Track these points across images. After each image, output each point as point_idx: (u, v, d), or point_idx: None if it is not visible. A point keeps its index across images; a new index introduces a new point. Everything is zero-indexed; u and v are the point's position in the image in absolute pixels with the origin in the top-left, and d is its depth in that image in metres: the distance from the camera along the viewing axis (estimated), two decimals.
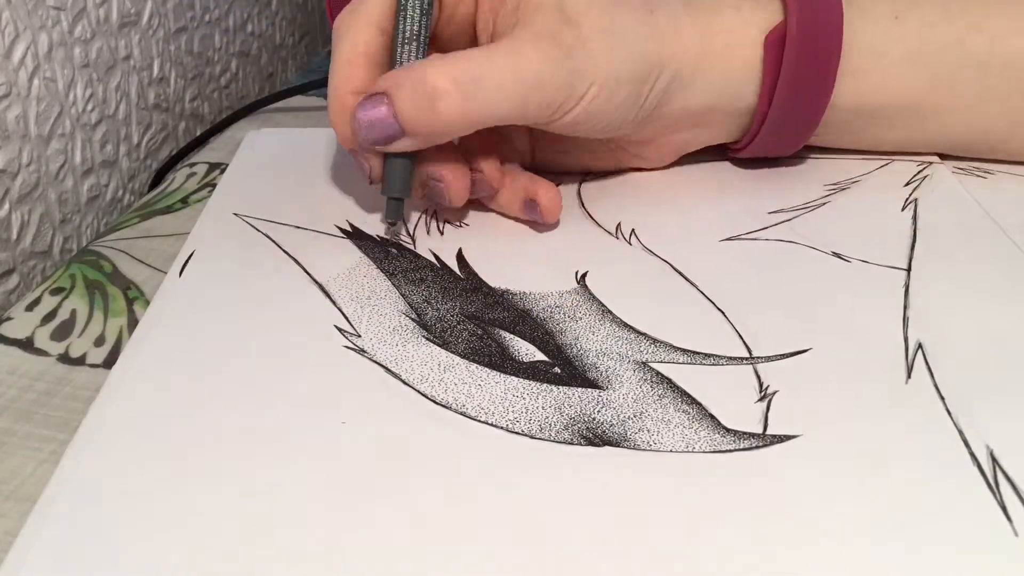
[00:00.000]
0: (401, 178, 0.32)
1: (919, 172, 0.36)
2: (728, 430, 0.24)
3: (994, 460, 0.23)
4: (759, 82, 0.33)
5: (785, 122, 0.34)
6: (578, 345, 0.27)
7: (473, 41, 0.33)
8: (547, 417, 0.24)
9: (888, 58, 0.33)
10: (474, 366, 0.26)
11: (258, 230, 0.34)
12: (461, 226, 0.34)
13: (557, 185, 0.33)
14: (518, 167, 0.34)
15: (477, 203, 0.35)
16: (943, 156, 0.37)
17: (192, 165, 0.42)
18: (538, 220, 0.33)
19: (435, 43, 0.33)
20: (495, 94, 0.29)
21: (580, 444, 0.24)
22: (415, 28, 0.31)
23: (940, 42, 0.33)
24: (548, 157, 0.36)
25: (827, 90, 0.33)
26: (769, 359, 0.26)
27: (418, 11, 0.31)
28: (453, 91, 0.28)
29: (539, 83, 0.29)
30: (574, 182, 0.37)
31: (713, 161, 0.38)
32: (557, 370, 0.26)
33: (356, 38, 0.31)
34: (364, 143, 0.30)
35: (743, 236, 0.33)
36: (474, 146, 0.33)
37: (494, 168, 0.33)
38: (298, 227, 0.34)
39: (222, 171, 0.40)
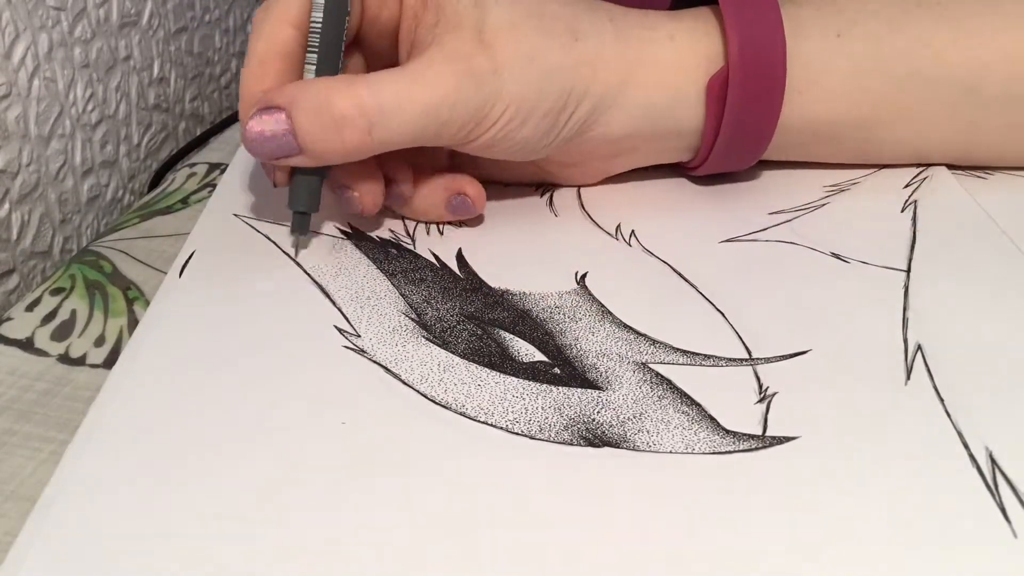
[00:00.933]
0: (308, 192, 0.31)
1: (919, 174, 0.36)
2: (727, 431, 0.24)
3: (993, 462, 0.23)
4: (698, 111, 0.32)
5: (733, 148, 0.33)
6: (578, 346, 0.27)
7: (395, 46, 0.32)
8: (547, 418, 0.25)
9: (833, 75, 0.32)
10: (474, 366, 0.26)
11: (258, 231, 0.34)
12: (461, 226, 0.34)
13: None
14: (431, 171, 0.33)
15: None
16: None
17: (192, 165, 0.42)
18: (467, 214, 0.33)
19: (359, 44, 0.33)
20: (401, 122, 0.28)
21: (580, 445, 0.24)
22: (329, 29, 0.30)
23: (885, 57, 0.33)
24: (466, 168, 0.35)
25: (772, 121, 0.33)
26: (769, 360, 0.27)
27: (333, 10, 0.30)
28: (358, 119, 0.28)
29: (447, 110, 0.28)
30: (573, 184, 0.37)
31: None
32: (557, 371, 0.26)
33: (270, 34, 0.30)
34: (253, 154, 0.29)
35: (743, 237, 0.33)
36: (387, 154, 0.31)
37: (407, 174, 0.32)
38: None
39: (222, 171, 0.40)
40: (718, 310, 0.29)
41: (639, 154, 0.35)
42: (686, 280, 0.30)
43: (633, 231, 0.33)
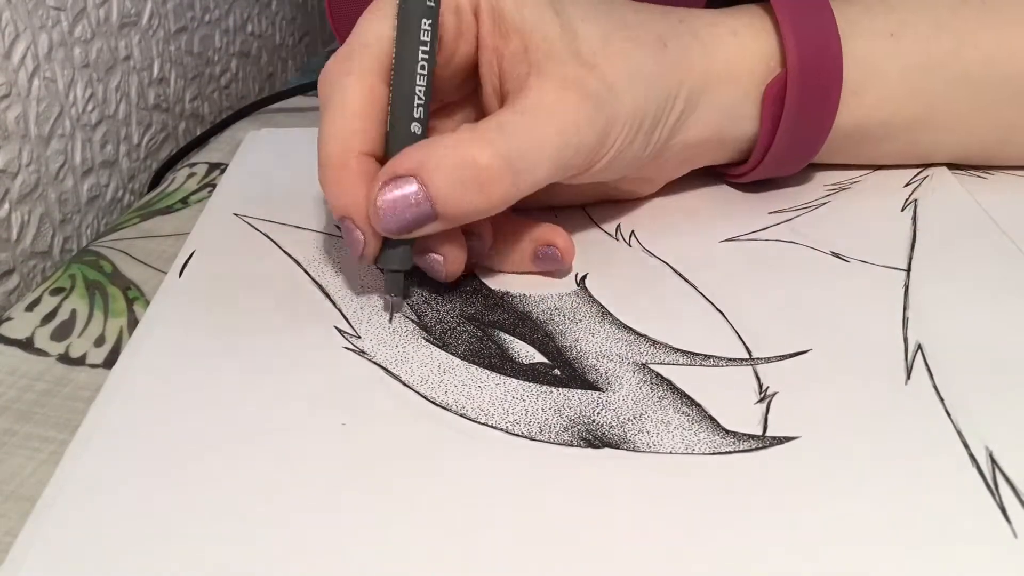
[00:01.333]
0: (402, 249, 0.28)
1: (919, 173, 0.36)
2: (728, 432, 0.24)
3: (993, 461, 0.23)
4: (755, 113, 0.32)
5: (788, 153, 0.33)
6: (578, 347, 0.27)
7: (470, 84, 0.31)
8: (547, 419, 0.25)
9: (886, 76, 0.32)
10: (474, 368, 0.26)
11: (258, 230, 0.34)
12: None
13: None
14: (508, 215, 0.30)
15: None
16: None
17: (192, 165, 0.42)
18: (556, 267, 0.30)
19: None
20: (540, 161, 0.26)
21: (580, 446, 0.24)
22: (421, 83, 0.27)
23: (936, 58, 0.32)
24: (529, 202, 0.30)
25: (828, 124, 0.32)
26: (769, 360, 0.27)
27: (425, 60, 0.27)
28: (503, 169, 0.26)
29: (576, 138, 0.27)
30: None
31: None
32: (557, 372, 0.26)
33: (360, 88, 0.27)
34: (387, 229, 0.26)
35: (743, 237, 0.33)
36: None
37: (486, 224, 0.30)
38: (298, 227, 0.34)
39: (222, 171, 0.40)
40: (718, 310, 0.29)
41: (701, 159, 0.34)
42: (686, 280, 0.30)
43: (633, 231, 0.33)
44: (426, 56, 0.27)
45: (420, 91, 0.27)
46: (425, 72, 0.27)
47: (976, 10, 0.33)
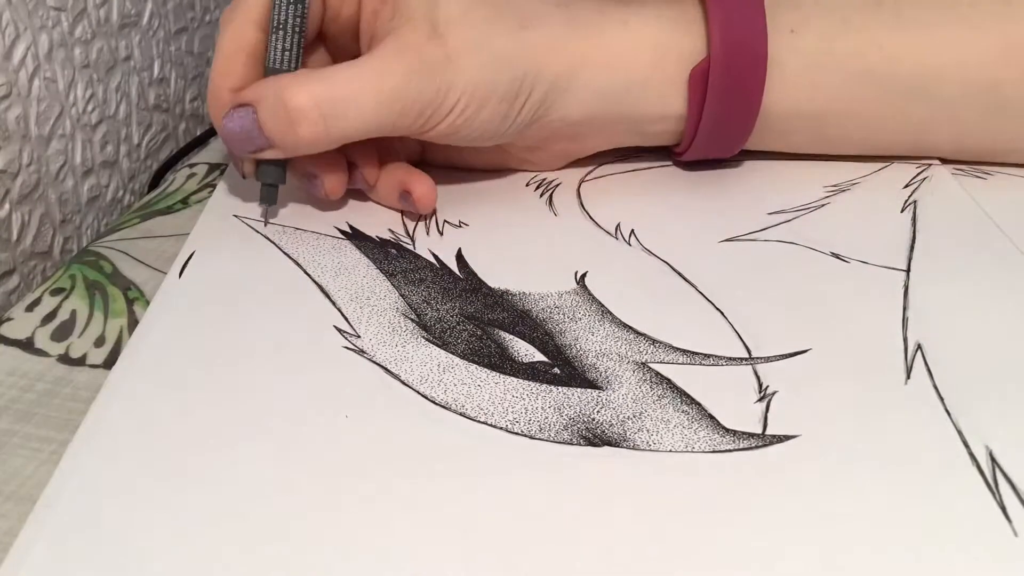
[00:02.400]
0: (275, 166, 0.33)
1: (918, 174, 0.36)
2: (727, 430, 0.24)
3: (993, 461, 0.23)
4: (660, 96, 0.33)
5: (715, 136, 0.34)
6: (577, 346, 0.27)
7: (356, 41, 0.34)
8: (547, 417, 0.25)
9: (784, 69, 0.33)
10: (473, 367, 0.26)
11: (258, 231, 0.34)
12: (461, 226, 0.34)
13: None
14: (397, 159, 0.35)
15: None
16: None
17: (192, 166, 0.42)
18: (412, 211, 0.34)
19: (323, 40, 0.34)
20: (355, 114, 0.29)
21: (579, 444, 0.24)
22: (287, 25, 0.31)
23: (838, 54, 0.33)
24: (438, 155, 0.37)
25: (754, 108, 0.33)
26: (768, 360, 0.27)
27: (290, 9, 0.31)
28: (312, 113, 0.29)
29: (400, 100, 0.29)
30: (573, 184, 0.37)
31: (712, 162, 0.38)
32: (556, 371, 0.26)
33: (235, 33, 0.32)
34: (232, 150, 0.31)
35: (742, 237, 0.33)
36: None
37: (371, 163, 0.34)
38: (298, 228, 0.34)
39: (222, 172, 0.40)
40: (718, 309, 0.29)
41: (600, 137, 0.36)
42: (686, 280, 0.30)
43: (633, 230, 0.33)
44: (296, 5, 0.31)
45: (288, 37, 0.31)
46: (292, 19, 0.31)
47: (885, 11, 0.33)
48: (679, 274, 0.31)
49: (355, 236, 0.33)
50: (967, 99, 0.34)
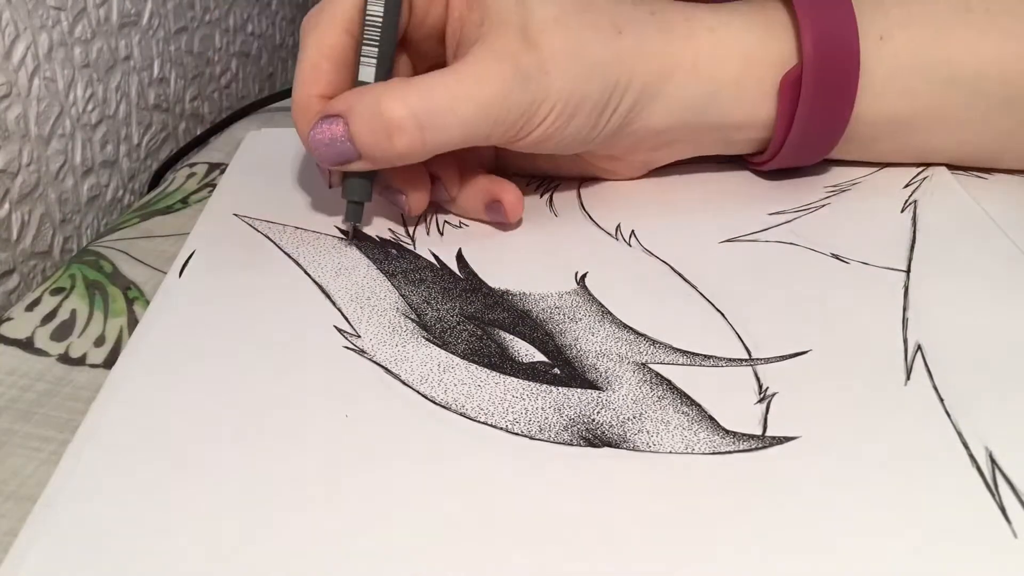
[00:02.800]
0: (362, 184, 0.32)
1: (919, 174, 0.36)
2: (727, 431, 0.24)
3: (993, 462, 0.23)
4: (747, 104, 0.33)
5: (804, 144, 0.34)
6: (578, 346, 0.27)
7: (441, 47, 0.33)
8: (546, 418, 0.25)
9: (874, 76, 0.32)
10: (474, 367, 0.26)
11: (258, 230, 0.34)
12: (461, 226, 0.34)
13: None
14: (478, 170, 0.34)
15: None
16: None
17: (192, 165, 0.42)
18: (502, 220, 0.33)
19: (405, 46, 0.33)
20: (453, 124, 0.29)
21: (579, 445, 0.24)
22: (378, 32, 0.30)
23: (927, 61, 0.33)
24: (511, 163, 0.36)
25: (846, 113, 0.33)
26: (768, 361, 0.27)
27: (384, 16, 0.30)
28: (409, 123, 0.28)
29: (496, 110, 0.29)
30: (573, 184, 0.37)
31: (713, 163, 0.38)
32: (557, 371, 0.26)
33: (321, 39, 0.31)
34: (319, 161, 0.30)
35: (743, 238, 0.33)
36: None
37: (453, 174, 0.33)
38: (298, 227, 0.34)
39: (222, 171, 0.40)
40: (718, 310, 0.29)
41: (685, 145, 0.35)
42: (686, 280, 0.30)
43: (633, 231, 0.33)
44: (390, 12, 0.30)
45: (379, 43, 0.30)
46: (383, 26, 0.30)
47: (977, 17, 0.33)
48: (679, 275, 0.31)
49: (356, 236, 0.33)
50: None
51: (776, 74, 0.32)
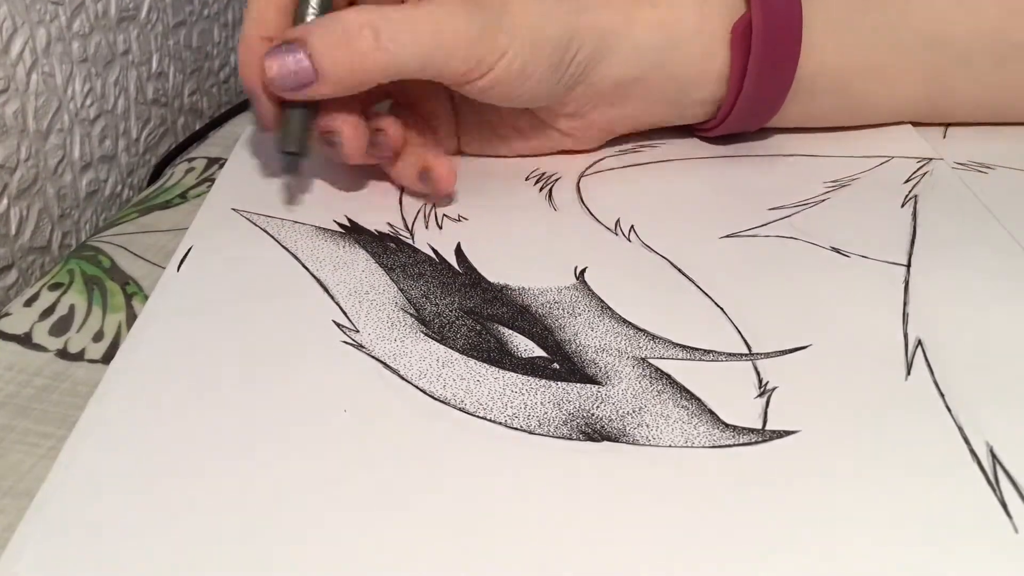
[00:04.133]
0: (298, 131, 0.32)
1: (919, 169, 0.36)
2: (727, 425, 0.24)
3: (994, 457, 0.23)
4: (700, 56, 0.34)
5: (756, 100, 0.35)
6: (577, 341, 0.27)
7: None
8: (546, 412, 0.24)
9: (812, 29, 0.34)
10: (473, 361, 0.26)
11: (257, 225, 0.33)
12: (460, 221, 0.34)
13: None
14: (421, 139, 0.35)
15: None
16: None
17: (191, 160, 0.42)
18: (431, 191, 0.34)
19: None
20: (411, 39, 0.29)
21: (579, 439, 0.24)
22: None
23: (856, 11, 0.35)
24: (475, 142, 0.37)
25: (792, 65, 0.34)
26: (769, 355, 0.26)
27: None
28: (369, 33, 0.29)
29: (456, 37, 0.30)
30: (573, 178, 0.37)
31: (712, 158, 0.38)
32: (556, 366, 0.26)
33: None
34: (275, 89, 0.31)
35: (742, 233, 0.32)
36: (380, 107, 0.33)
37: (396, 128, 0.33)
38: (296, 222, 0.34)
39: (221, 166, 0.40)
40: (717, 305, 0.29)
41: (640, 104, 0.36)
42: (685, 276, 0.30)
43: (632, 226, 0.33)
44: None
45: None
46: None
47: None
48: (679, 270, 0.30)
49: (354, 230, 0.33)
50: (978, 45, 0.35)
51: (727, 26, 0.34)
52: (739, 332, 0.27)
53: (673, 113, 0.37)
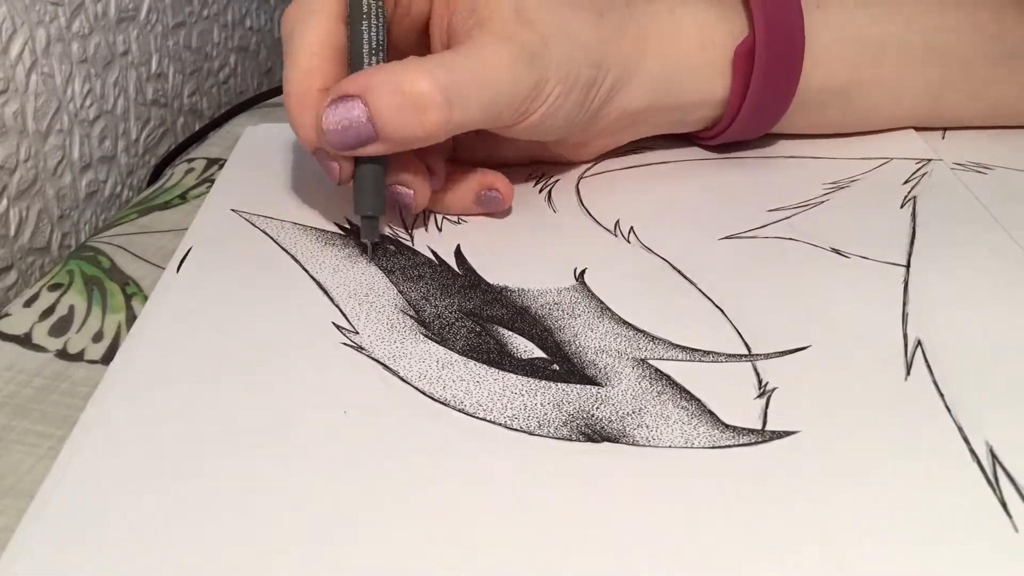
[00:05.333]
0: (374, 192, 0.30)
1: (918, 170, 0.36)
2: (727, 426, 0.24)
3: (994, 457, 0.23)
4: (703, 80, 0.34)
5: (757, 113, 0.35)
6: (577, 342, 0.27)
7: (424, 40, 0.33)
8: (546, 414, 0.24)
9: (816, 44, 0.34)
10: (472, 363, 0.26)
11: (256, 226, 0.33)
12: (459, 223, 0.34)
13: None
14: (458, 163, 0.35)
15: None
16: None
17: (190, 161, 0.42)
18: (497, 209, 0.34)
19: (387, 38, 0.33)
20: (474, 100, 0.28)
21: (579, 440, 0.24)
22: (371, 15, 0.30)
23: (859, 26, 0.35)
24: (466, 153, 0.36)
25: (794, 81, 0.34)
26: (768, 356, 0.26)
27: (378, 3, 0.30)
28: (439, 97, 0.28)
29: (511, 87, 0.29)
30: (572, 180, 0.37)
31: (713, 159, 0.38)
32: (556, 367, 0.26)
33: (318, 28, 0.30)
34: (333, 147, 0.29)
35: (742, 234, 0.33)
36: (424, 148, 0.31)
37: (441, 165, 0.33)
38: (296, 223, 0.34)
39: (220, 167, 0.40)
40: (717, 307, 0.29)
41: (646, 126, 0.36)
42: (685, 277, 0.30)
43: (632, 228, 0.33)
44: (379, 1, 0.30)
45: (376, 30, 0.30)
46: (379, 14, 0.30)
47: None
48: (678, 271, 0.30)
49: (354, 232, 0.33)
50: (977, 51, 0.36)
51: (730, 48, 0.34)
52: (739, 333, 0.27)
53: (676, 127, 0.37)
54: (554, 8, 0.30)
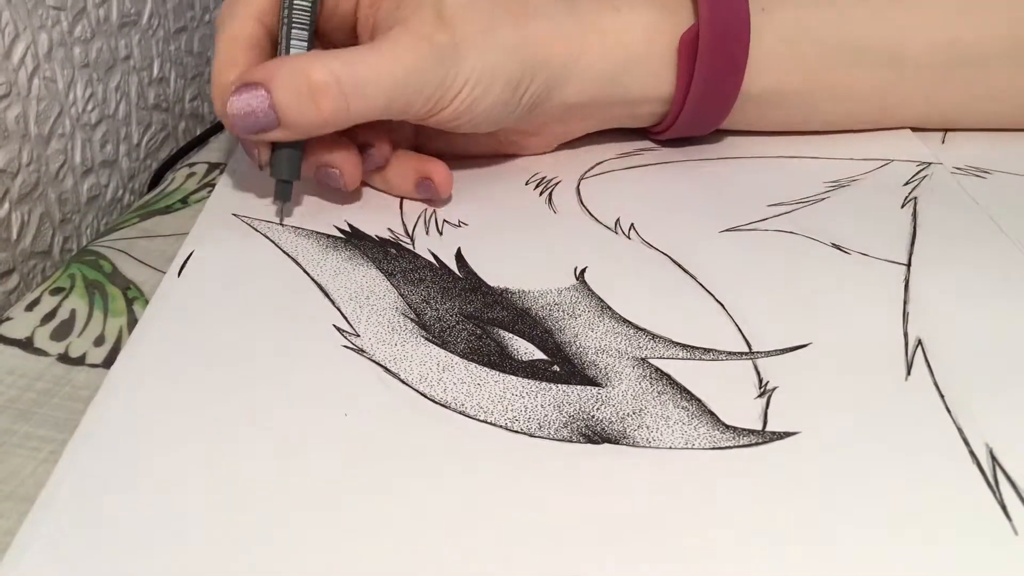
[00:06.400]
0: (289, 161, 0.33)
1: (918, 172, 0.36)
2: (728, 427, 0.24)
3: (993, 458, 0.23)
4: (649, 76, 0.35)
5: (701, 109, 0.35)
6: (577, 342, 0.27)
7: (353, 36, 0.35)
8: (546, 415, 0.24)
9: (761, 46, 0.34)
10: (473, 365, 0.26)
11: (257, 230, 0.34)
12: (460, 226, 0.34)
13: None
14: (404, 147, 0.36)
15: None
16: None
17: (192, 165, 0.42)
18: (432, 197, 0.35)
19: (317, 37, 0.34)
20: (374, 92, 0.30)
21: (579, 442, 0.24)
22: (298, 18, 0.32)
23: (812, 28, 0.35)
24: (430, 142, 0.37)
25: (738, 77, 0.34)
26: (769, 354, 0.26)
27: (311, 3, 0.32)
28: (333, 87, 0.29)
29: (412, 81, 0.30)
30: (572, 181, 0.37)
31: (713, 159, 0.38)
32: (556, 368, 0.26)
33: (237, 28, 0.32)
34: (238, 132, 0.31)
35: (743, 227, 0.33)
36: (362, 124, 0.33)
37: (384, 141, 0.34)
38: (297, 227, 0.34)
39: (222, 171, 0.40)
40: (718, 302, 0.29)
41: (595, 120, 0.37)
42: (686, 271, 0.30)
43: (632, 224, 0.33)
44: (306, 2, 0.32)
45: (308, 26, 0.32)
46: (311, 11, 0.32)
47: None
48: (679, 266, 0.31)
49: (354, 235, 0.33)
50: (931, 57, 0.36)
51: (676, 43, 0.34)
52: (739, 330, 0.27)
53: (626, 120, 0.38)
54: (478, 10, 0.31)
